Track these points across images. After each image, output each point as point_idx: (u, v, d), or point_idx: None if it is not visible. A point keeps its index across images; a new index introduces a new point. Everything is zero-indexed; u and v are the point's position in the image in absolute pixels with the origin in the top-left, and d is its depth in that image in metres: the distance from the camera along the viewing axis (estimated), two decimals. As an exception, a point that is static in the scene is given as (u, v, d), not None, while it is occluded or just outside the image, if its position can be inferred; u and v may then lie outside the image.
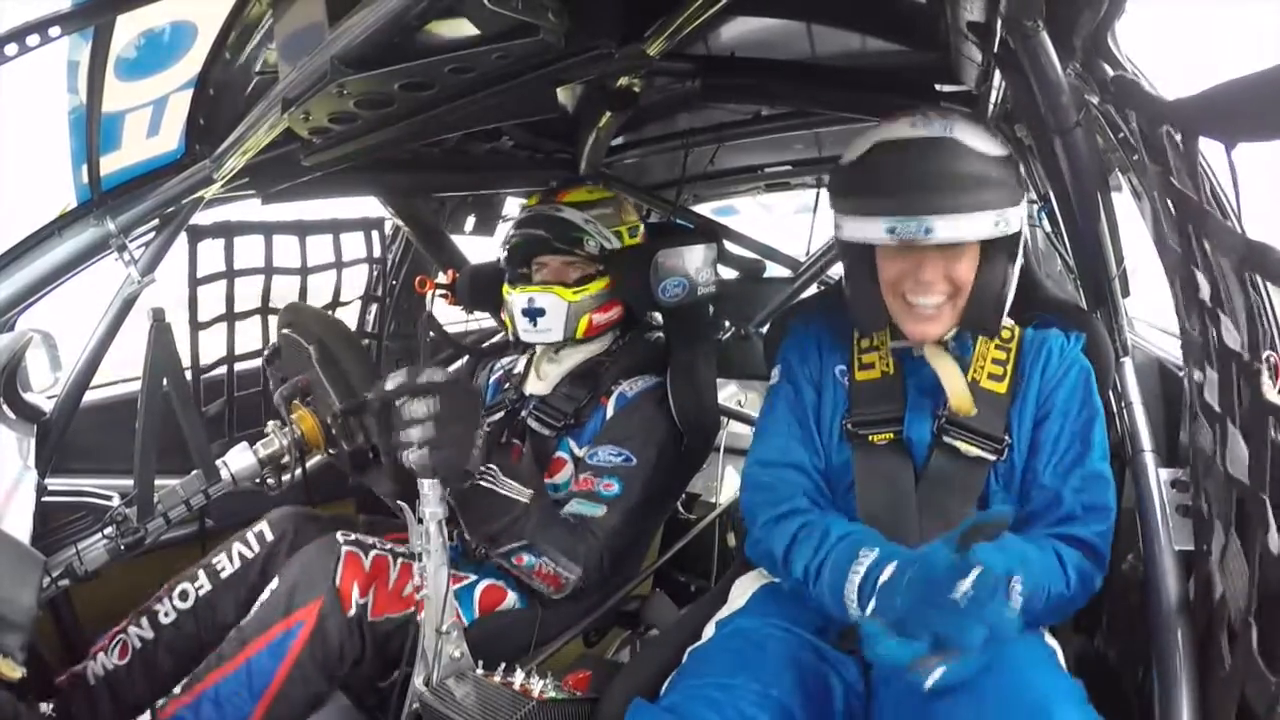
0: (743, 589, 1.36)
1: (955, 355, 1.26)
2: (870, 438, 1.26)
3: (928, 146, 1.13)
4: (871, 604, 1.01)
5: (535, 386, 1.83)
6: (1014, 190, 1.14)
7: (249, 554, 1.55)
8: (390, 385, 1.16)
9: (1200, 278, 0.92)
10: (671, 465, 1.76)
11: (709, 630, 1.24)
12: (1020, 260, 1.21)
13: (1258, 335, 0.80)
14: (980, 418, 1.21)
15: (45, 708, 1.37)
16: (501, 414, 1.85)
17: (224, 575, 1.52)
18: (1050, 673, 1.01)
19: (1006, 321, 1.28)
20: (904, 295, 1.18)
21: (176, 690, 1.32)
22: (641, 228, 1.86)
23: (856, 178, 1.18)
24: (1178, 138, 0.85)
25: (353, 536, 1.44)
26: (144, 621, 1.47)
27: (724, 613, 1.30)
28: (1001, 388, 1.23)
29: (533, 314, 1.72)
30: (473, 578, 1.54)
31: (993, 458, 1.20)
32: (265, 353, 1.72)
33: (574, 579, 1.51)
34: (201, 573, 1.53)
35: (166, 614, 1.48)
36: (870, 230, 1.13)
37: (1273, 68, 0.60)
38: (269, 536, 1.58)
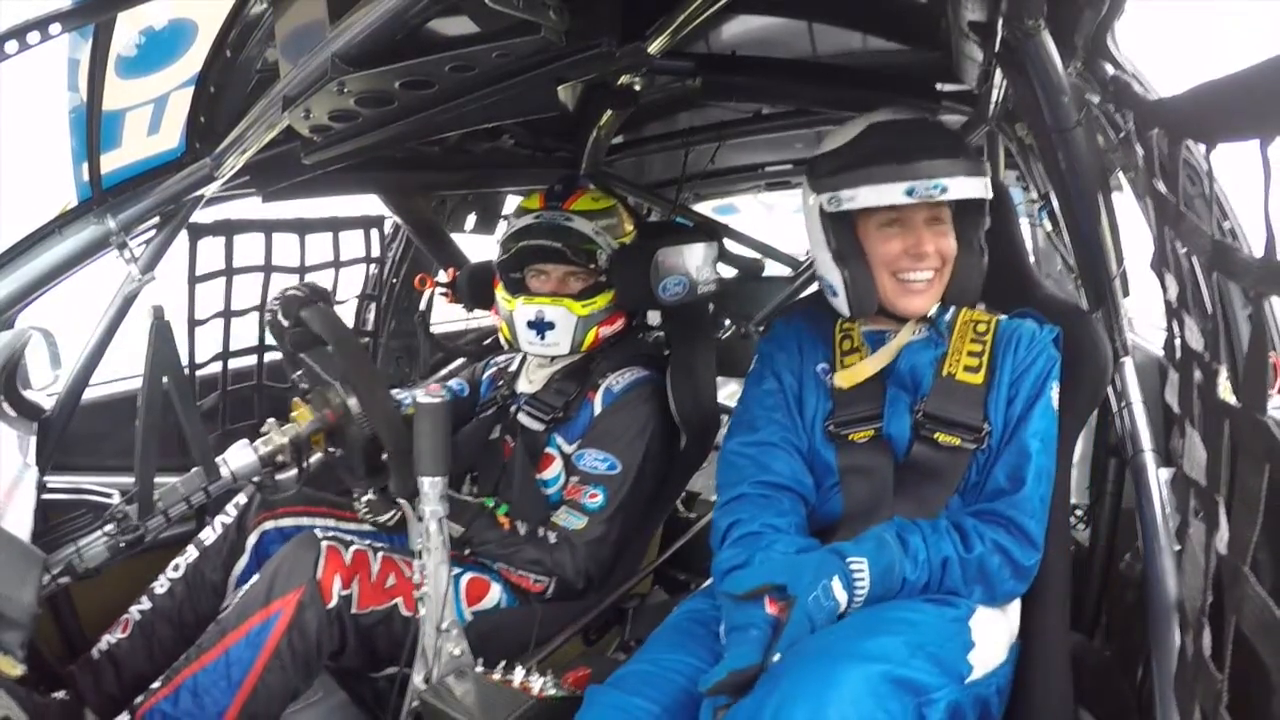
0: None
1: (930, 346, 1.30)
2: (851, 436, 1.30)
3: (920, 124, 1.28)
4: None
5: (527, 386, 1.85)
6: (982, 162, 1.31)
7: (227, 520, 1.63)
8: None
9: (1169, 278, 0.92)
10: (664, 461, 1.77)
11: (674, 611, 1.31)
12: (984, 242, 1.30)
13: (1218, 336, 0.79)
14: (956, 409, 1.24)
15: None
16: (493, 410, 1.86)
17: (208, 542, 1.60)
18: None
19: (986, 315, 1.32)
20: (897, 274, 1.26)
21: (155, 684, 1.33)
22: (634, 232, 1.86)
23: (862, 153, 1.25)
24: (1164, 139, 0.85)
25: (332, 532, 1.47)
26: (144, 599, 1.54)
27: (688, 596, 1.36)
28: (978, 379, 1.26)
29: (541, 327, 1.71)
30: (456, 569, 1.55)
31: (972, 446, 1.23)
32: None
33: (552, 586, 1.56)
34: (190, 547, 1.61)
35: (161, 585, 1.55)
36: (888, 194, 1.20)
37: (1248, 69, 0.59)
38: (242, 500, 1.65)
